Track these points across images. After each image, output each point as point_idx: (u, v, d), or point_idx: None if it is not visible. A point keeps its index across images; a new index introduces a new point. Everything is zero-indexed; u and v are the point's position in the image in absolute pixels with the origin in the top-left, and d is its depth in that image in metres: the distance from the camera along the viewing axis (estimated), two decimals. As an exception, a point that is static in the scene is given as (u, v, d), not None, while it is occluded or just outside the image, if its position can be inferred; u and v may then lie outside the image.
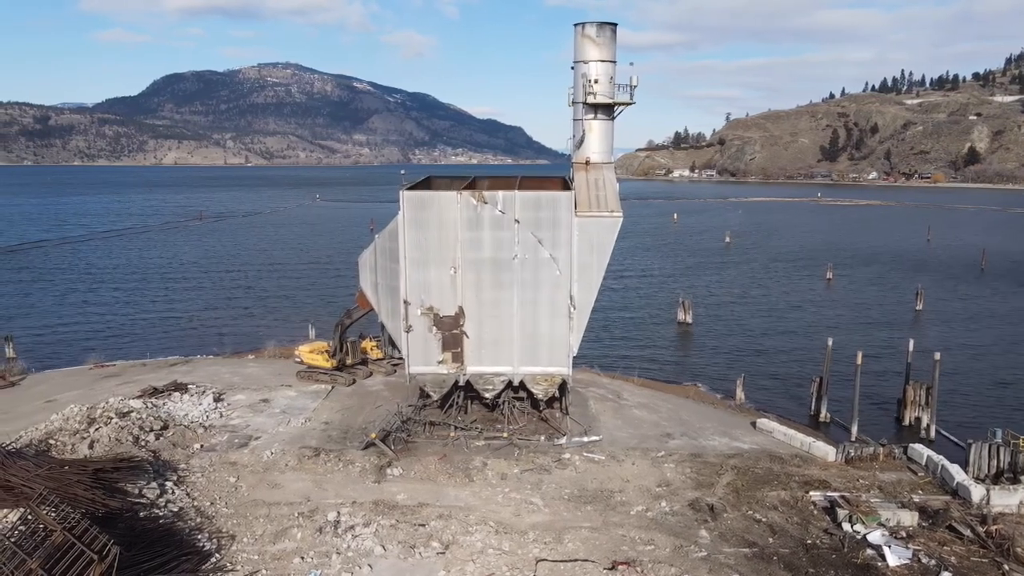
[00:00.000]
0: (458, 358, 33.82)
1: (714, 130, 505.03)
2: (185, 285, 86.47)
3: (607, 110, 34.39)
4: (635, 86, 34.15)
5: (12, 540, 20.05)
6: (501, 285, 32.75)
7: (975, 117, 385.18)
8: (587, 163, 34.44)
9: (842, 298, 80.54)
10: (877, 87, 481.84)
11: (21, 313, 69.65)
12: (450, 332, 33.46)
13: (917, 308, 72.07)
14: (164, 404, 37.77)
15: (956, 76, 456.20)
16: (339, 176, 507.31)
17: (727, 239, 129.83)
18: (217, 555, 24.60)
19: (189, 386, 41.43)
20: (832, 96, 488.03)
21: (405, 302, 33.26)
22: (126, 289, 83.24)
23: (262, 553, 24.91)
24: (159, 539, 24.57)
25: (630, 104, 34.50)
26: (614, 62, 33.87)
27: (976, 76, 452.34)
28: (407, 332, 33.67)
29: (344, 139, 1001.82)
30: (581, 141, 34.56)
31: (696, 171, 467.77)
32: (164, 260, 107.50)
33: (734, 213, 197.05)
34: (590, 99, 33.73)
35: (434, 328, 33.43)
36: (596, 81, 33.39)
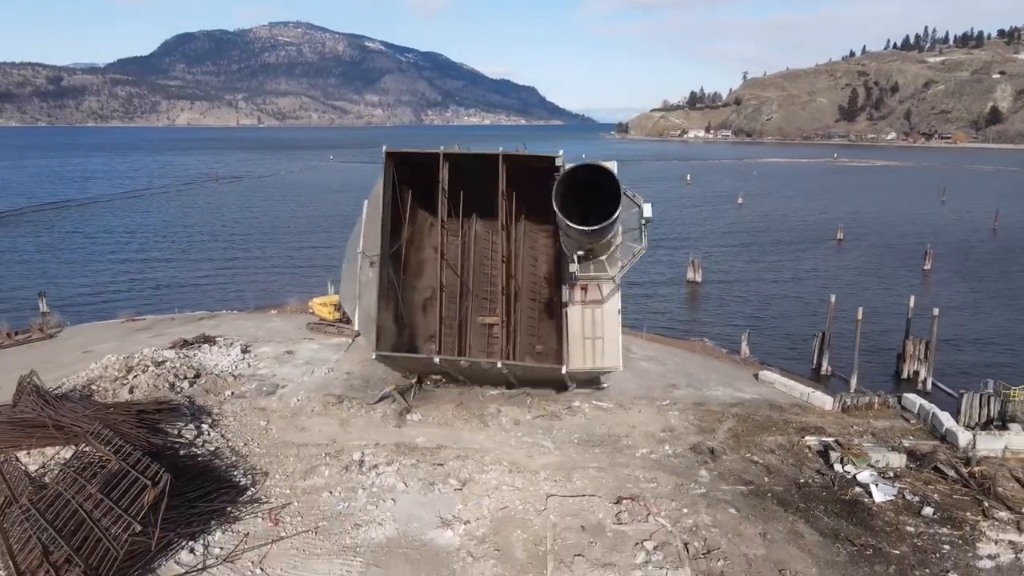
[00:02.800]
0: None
1: (731, 90, 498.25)
2: (206, 243, 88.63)
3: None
4: None
5: (72, 469, 22.16)
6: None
7: (999, 75, 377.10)
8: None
9: (851, 258, 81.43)
10: (899, 45, 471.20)
11: (51, 270, 72.07)
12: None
13: (925, 268, 72.89)
14: (195, 355, 39.83)
15: (981, 33, 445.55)
16: (352, 137, 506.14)
17: (740, 200, 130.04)
18: (252, 489, 26.74)
19: (217, 339, 43.46)
20: (852, 54, 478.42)
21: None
22: (150, 247, 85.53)
23: (293, 488, 27.01)
24: (199, 474, 26.68)
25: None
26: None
27: (1001, 33, 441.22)
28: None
29: (356, 99, 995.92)
30: None
31: (711, 132, 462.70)
32: (184, 220, 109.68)
33: (748, 174, 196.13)
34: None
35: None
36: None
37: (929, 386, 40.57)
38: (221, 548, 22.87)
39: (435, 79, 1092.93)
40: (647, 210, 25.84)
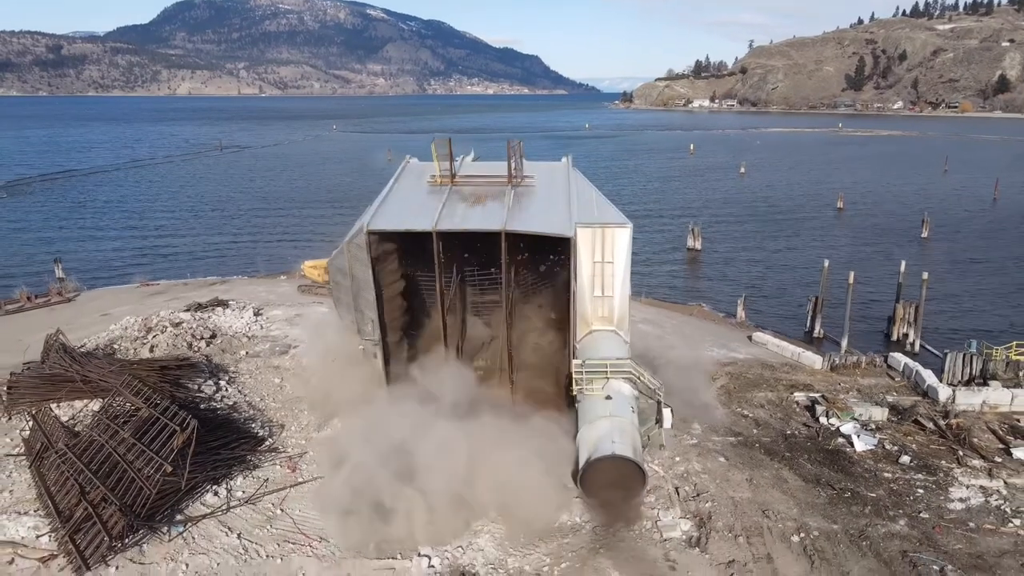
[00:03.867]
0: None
1: (736, 58, 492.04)
2: (214, 211, 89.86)
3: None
4: None
5: (105, 416, 23.78)
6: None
7: (1008, 43, 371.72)
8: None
9: (850, 226, 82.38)
10: (908, 12, 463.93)
11: (63, 237, 73.46)
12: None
13: (923, 236, 73.88)
14: (210, 317, 41.42)
15: (991, 0, 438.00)
16: (354, 107, 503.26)
17: (742, 170, 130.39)
18: (270, 439, 28.46)
19: (230, 302, 45.02)
20: (861, 21, 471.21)
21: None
22: (159, 216, 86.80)
23: (308, 439, 28.69)
24: (220, 425, 28.35)
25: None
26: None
27: (1012, 0, 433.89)
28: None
29: (359, 69, 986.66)
30: None
31: (716, 101, 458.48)
32: (190, 189, 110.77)
33: (751, 144, 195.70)
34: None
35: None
36: None
37: (917, 347, 41.99)
38: (243, 492, 24.62)
39: (438, 48, 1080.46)
40: (667, 421, 25.32)
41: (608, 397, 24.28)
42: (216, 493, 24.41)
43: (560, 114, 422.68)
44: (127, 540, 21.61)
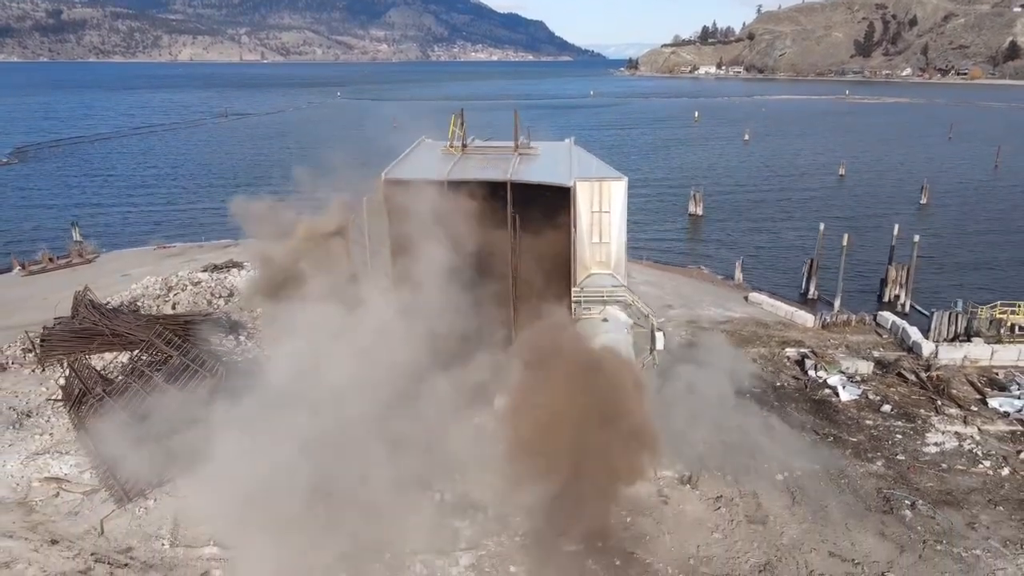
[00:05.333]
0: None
1: (744, 24, 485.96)
2: (223, 176, 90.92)
3: None
4: None
5: (138, 363, 25.55)
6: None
7: (1020, 9, 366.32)
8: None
9: (851, 192, 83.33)
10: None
11: (76, 202, 74.88)
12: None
13: (922, 202, 74.87)
14: (226, 277, 43.10)
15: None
16: (358, 73, 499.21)
17: (746, 137, 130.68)
18: (290, 389, 30.25)
19: (244, 263, 46.61)
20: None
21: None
22: (169, 181, 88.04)
23: (326, 388, 30.48)
24: (242, 376, 30.12)
25: None
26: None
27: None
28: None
29: (362, 35, 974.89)
30: None
31: (723, 68, 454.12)
32: (198, 155, 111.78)
33: (756, 112, 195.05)
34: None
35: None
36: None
37: (907, 308, 43.51)
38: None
39: (441, 13, 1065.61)
40: (659, 343, 27.10)
41: (604, 320, 26.28)
42: (242, 437, 26.26)
43: (565, 81, 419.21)
44: (163, 475, 23.54)
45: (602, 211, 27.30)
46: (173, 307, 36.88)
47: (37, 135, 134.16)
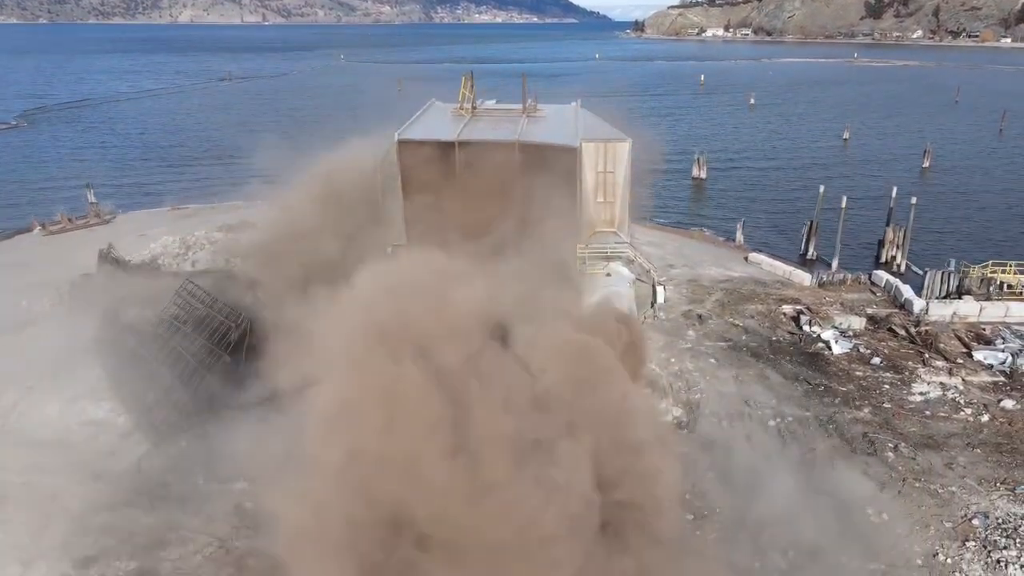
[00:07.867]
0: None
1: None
2: (231, 138, 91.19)
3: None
4: None
5: (165, 315, 27.00)
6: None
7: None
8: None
9: (855, 155, 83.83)
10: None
11: (87, 164, 75.71)
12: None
13: (924, 165, 75.46)
14: (241, 237, 44.30)
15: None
16: (360, 36, 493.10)
17: (751, 101, 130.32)
18: (308, 341, 31.75)
19: (257, 224, 47.77)
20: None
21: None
22: (176, 143, 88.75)
23: (341, 342, 31.96)
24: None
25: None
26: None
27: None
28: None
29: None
30: None
31: (731, 30, 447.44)
32: (205, 116, 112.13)
33: (763, 75, 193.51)
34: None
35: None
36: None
37: (903, 268, 44.69)
38: (289, 382, 27.97)
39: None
40: (660, 296, 29.00)
41: (608, 275, 27.82)
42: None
43: (569, 44, 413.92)
44: (194, 419, 25.17)
45: (607, 171, 28.48)
46: (192, 265, 38.25)
47: (45, 99, 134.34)
